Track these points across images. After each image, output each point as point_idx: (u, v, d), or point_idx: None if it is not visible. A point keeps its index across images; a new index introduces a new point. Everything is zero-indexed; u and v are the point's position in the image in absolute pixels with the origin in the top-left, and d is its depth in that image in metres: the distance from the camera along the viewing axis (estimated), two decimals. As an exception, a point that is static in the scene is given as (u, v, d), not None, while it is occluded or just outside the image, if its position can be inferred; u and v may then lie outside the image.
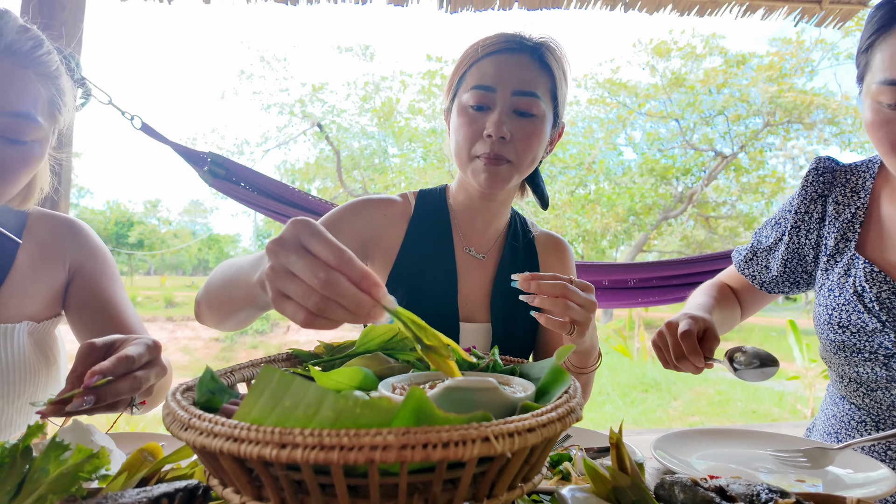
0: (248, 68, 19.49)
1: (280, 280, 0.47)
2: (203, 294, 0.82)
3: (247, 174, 1.89)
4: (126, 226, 24.86)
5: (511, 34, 0.97)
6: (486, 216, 1.07)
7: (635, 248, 13.27)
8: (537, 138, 0.96)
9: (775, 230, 1.07)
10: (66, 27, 1.89)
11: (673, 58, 11.93)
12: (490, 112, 0.94)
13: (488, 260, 1.09)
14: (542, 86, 0.96)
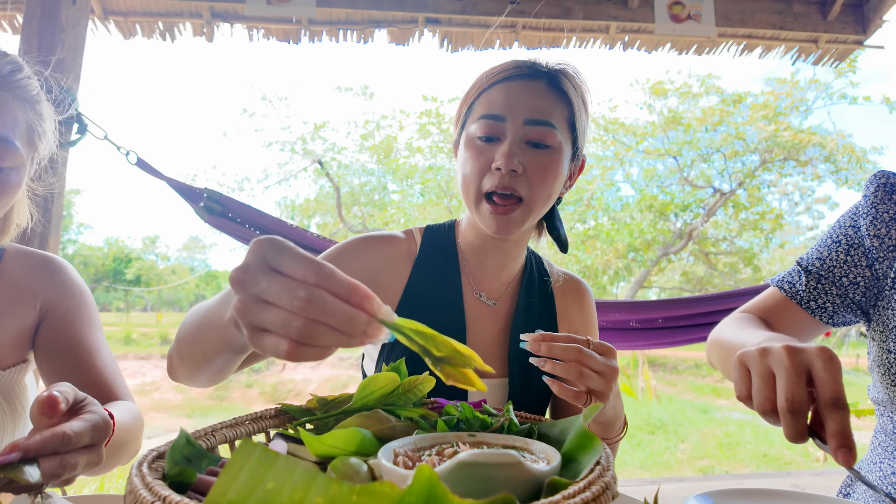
0: (250, 106, 19.86)
1: (253, 312, 0.39)
2: (174, 346, 0.70)
3: (243, 210, 1.84)
4: (124, 262, 24.78)
5: (524, 60, 0.89)
6: (499, 258, 0.96)
7: (636, 285, 13.19)
8: (553, 172, 0.86)
9: (837, 252, 0.93)
10: (64, 63, 1.87)
11: (669, 97, 12.15)
12: (499, 143, 0.85)
13: (501, 307, 0.98)
14: (558, 114, 0.86)
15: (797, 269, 0.99)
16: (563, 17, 3.08)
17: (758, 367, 0.60)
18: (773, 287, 1.02)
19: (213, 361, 0.61)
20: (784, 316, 0.98)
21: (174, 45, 3.36)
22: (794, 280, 0.98)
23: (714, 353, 0.97)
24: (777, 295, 1.00)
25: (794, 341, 0.62)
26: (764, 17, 3.22)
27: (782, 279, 1.00)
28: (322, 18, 3.16)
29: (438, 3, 2.99)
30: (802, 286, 0.96)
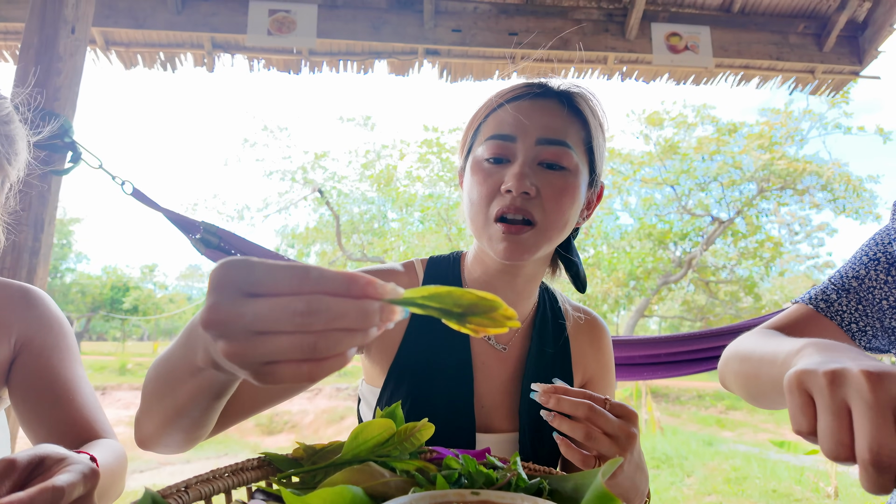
0: (251, 136, 20.09)
1: (251, 350, 0.34)
2: (141, 407, 0.60)
3: (240, 243, 1.80)
4: (121, 291, 24.66)
5: (535, 81, 0.82)
6: (509, 296, 0.86)
7: (636, 314, 13.09)
8: (570, 195, 0.77)
9: (877, 272, 0.85)
10: (60, 91, 1.85)
11: (665, 126, 12.29)
12: (509, 165, 0.77)
13: (511, 352, 0.87)
14: (573, 135, 0.79)
15: (832, 287, 0.89)
16: (561, 49, 3.10)
17: (827, 399, 0.45)
18: (801, 304, 0.90)
19: (190, 414, 0.53)
20: (818, 335, 0.85)
21: (175, 75, 3.39)
22: (830, 297, 0.87)
23: (732, 368, 0.83)
24: (809, 312, 0.88)
25: (864, 356, 0.49)
26: (760, 48, 3.24)
27: (815, 296, 0.89)
28: (322, 49, 3.18)
29: (438, 35, 3.01)
30: (843, 305, 0.86)
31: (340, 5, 3.03)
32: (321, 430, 9.90)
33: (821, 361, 0.49)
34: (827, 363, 0.48)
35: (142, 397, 0.60)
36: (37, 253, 1.81)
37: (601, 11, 3.15)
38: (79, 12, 1.92)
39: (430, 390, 0.81)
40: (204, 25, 2.98)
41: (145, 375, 0.59)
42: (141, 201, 1.89)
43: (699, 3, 3.25)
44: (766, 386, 0.71)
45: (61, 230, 23.09)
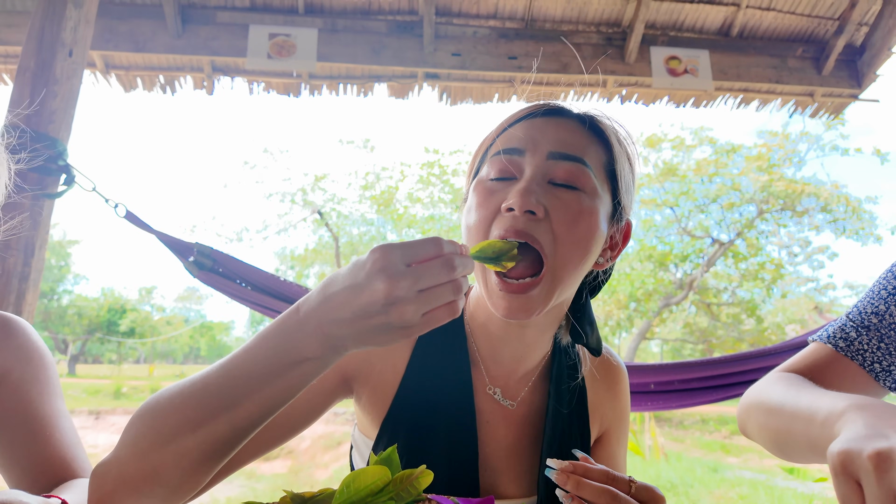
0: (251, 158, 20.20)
1: (421, 302, 0.47)
2: (129, 452, 0.53)
3: (235, 266, 1.76)
4: (118, 313, 24.50)
5: (554, 102, 0.72)
6: (518, 348, 0.75)
7: (638, 336, 12.98)
8: (587, 220, 0.64)
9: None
10: (56, 114, 1.83)
11: (664, 149, 12.37)
12: (516, 182, 0.66)
13: (520, 409, 0.77)
14: (592, 154, 0.68)
15: (851, 325, 0.83)
16: (560, 72, 3.11)
17: (874, 487, 0.42)
18: (819, 343, 0.85)
19: (242, 434, 0.53)
20: (842, 377, 0.81)
21: (174, 97, 3.39)
22: (850, 336, 0.82)
23: (757, 419, 0.78)
24: (828, 352, 0.83)
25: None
26: (759, 72, 3.25)
27: (833, 335, 0.84)
28: (322, 73, 3.19)
29: (437, 59, 3.02)
30: (864, 344, 0.81)
31: (340, 29, 3.04)
32: (318, 456, 9.72)
33: (865, 436, 0.47)
34: (872, 440, 0.45)
35: (144, 435, 0.52)
36: (26, 278, 1.76)
37: (600, 35, 3.17)
38: (77, 35, 1.91)
39: (428, 448, 0.71)
40: (204, 49, 2.98)
41: (151, 409, 0.53)
42: (134, 224, 1.85)
43: (698, 27, 3.27)
44: (800, 444, 0.66)
45: (59, 252, 23.05)
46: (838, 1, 3.19)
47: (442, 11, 3.09)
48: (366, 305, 0.46)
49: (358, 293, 0.46)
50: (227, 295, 1.75)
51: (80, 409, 14.68)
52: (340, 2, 3.07)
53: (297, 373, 0.50)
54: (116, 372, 23.93)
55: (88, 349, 27.43)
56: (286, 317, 0.51)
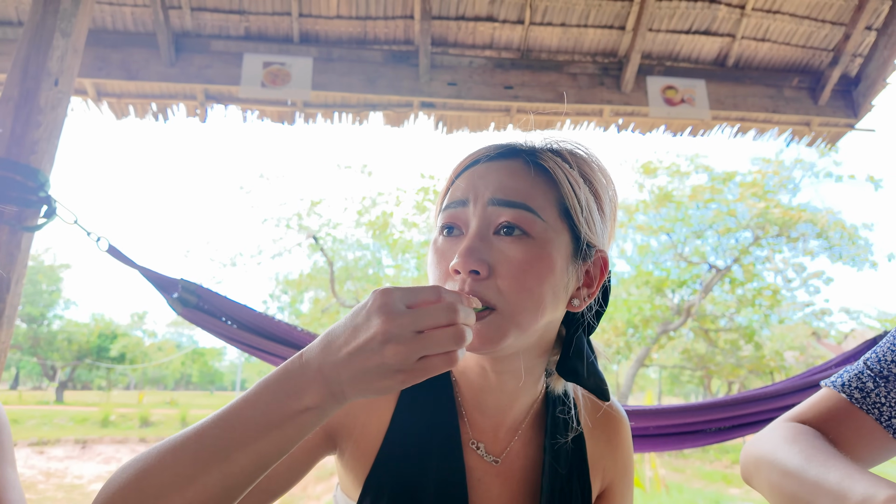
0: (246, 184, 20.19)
1: (416, 346, 0.47)
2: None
3: (221, 303, 1.67)
4: (109, 338, 24.11)
5: (502, 142, 0.70)
6: (499, 396, 0.71)
7: (636, 363, 12.84)
8: (534, 271, 0.61)
9: None
10: (38, 145, 1.77)
11: (659, 175, 12.43)
12: (463, 238, 0.65)
13: (511, 463, 0.72)
14: (538, 196, 0.64)
15: (868, 374, 0.77)
16: (557, 101, 3.09)
17: None
18: (832, 391, 0.79)
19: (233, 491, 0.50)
20: (856, 431, 0.75)
21: (167, 124, 3.34)
22: (866, 386, 0.76)
23: (769, 478, 0.71)
24: (842, 402, 0.77)
25: None
26: (756, 101, 3.25)
27: (848, 384, 0.78)
28: (317, 101, 3.16)
29: (433, 89, 3.00)
30: (882, 397, 0.74)
31: (336, 58, 3.03)
32: (310, 488, 9.45)
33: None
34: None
35: (125, 498, 0.48)
36: (0, 314, 1.68)
37: (596, 65, 3.16)
38: (64, 65, 1.87)
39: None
40: (197, 77, 2.95)
41: (136, 468, 0.49)
42: (117, 258, 1.77)
43: (694, 58, 3.28)
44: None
45: (50, 276, 22.78)
46: (833, 32, 3.21)
47: (438, 41, 3.09)
48: (363, 343, 0.47)
49: (356, 332, 0.47)
50: (212, 333, 1.67)
51: (67, 437, 14.33)
52: (336, 31, 3.06)
53: (296, 423, 0.49)
54: (105, 398, 23.45)
55: (77, 375, 26.93)
56: (289, 363, 0.51)
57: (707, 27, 3.18)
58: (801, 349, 16.52)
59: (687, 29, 3.17)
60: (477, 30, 3.08)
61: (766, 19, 3.17)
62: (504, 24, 3.07)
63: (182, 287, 1.70)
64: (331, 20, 3.02)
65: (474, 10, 3.03)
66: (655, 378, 24.84)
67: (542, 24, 3.08)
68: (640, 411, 1.69)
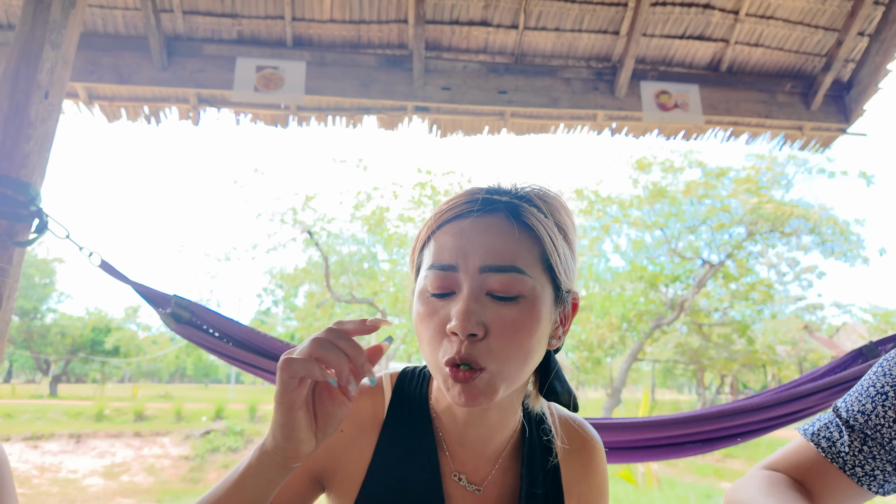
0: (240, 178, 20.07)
1: (307, 351, 0.58)
2: None
3: (214, 319, 1.68)
4: (103, 332, 24.02)
5: (478, 189, 0.72)
6: (482, 429, 0.75)
7: (630, 357, 12.93)
8: (526, 329, 0.66)
9: (885, 408, 0.77)
10: (29, 159, 1.76)
11: (653, 171, 12.46)
12: (455, 298, 0.66)
13: (488, 493, 0.75)
14: (524, 254, 0.67)
15: (836, 422, 0.81)
16: (550, 106, 3.09)
17: None
18: (805, 441, 0.83)
19: None
20: (823, 480, 0.79)
21: (159, 127, 3.32)
22: (833, 436, 0.80)
23: None
24: (811, 452, 0.81)
25: None
26: (749, 106, 3.26)
27: (818, 432, 0.82)
28: (311, 104, 3.14)
29: (427, 93, 2.99)
30: (846, 446, 0.78)
31: (329, 63, 3.01)
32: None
33: None
34: None
35: None
36: (-8, 330, 1.67)
37: (590, 70, 3.16)
38: (54, 77, 1.85)
39: None
40: (190, 82, 2.93)
41: None
42: (109, 273, 1.77)
43: (687, 63, 3.28)
44: None
45: (44, 270, 22.62)
46: (826, 38, 3.22)
47: (432, 46, 3.08)
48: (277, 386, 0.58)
49: None
50: (205, 349, 1.68)
51: (61, 431, 14.32)
52: (329, 35, 3.05)
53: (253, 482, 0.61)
54: (100, 392, 23.40)
55: (71, 368, 26.86)
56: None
57: (701, 32, 3.18)
58: (793, 343, 16.68)
59: (681, 34, 3.18)
60: (471, 34, 3.07)
61: (759, 25, 3.17)
62: (498, 28, 3.06)
63: (175, 303, 1.70)
64: (324, 24, 3.00)
65: (468, 14, 3.01)
66: (648, 370, 25.05)
67: (537, 28, 3.07)
68: (625, 424, 1.71)
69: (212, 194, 38.89)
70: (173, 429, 15.05)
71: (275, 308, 23.70)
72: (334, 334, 0.58)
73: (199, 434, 14.49)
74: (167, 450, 14.04)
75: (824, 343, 19.86)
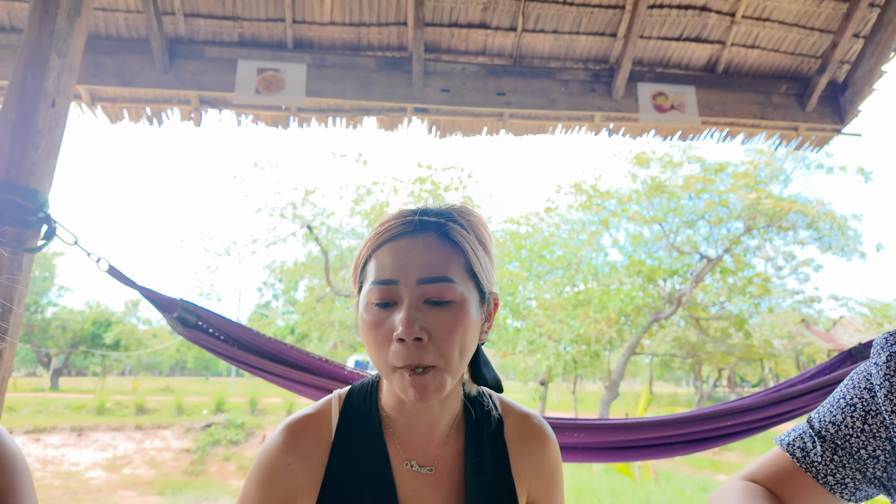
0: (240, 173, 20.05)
1: None
2: None
3: (220, 323, 1.73)
4: (103, 326, 24.10)
5: (410, 212, 0.82)
6: (427, 420, 0.85)
7: (628, 351, 13.01)
8: (461, 328, 0.77)
9: (853, 419, 0.82)
10: (37, 166, 1.80)
11: (652, 165, 12.48)
12: (397, 307, 0.77)
13: (441, 471, 0.85)
14: (454, 265, 0.79)
15: (809, 433, 0.85)
16: (548, 108, 3.12)
17: None
18: (781, 450, 0.88)
19: None
20: (798, 489, 0.84)
21: (161, 128, 3.36)
22: (806, 446, 0.84)
23: None
24: (787, 462, 0.86)
25: None
26: (745, 108, 3.29)
27: (793, 442, 0.86)
28: (311, 106, 3.18)
29: (427, 95, 3.02)
30: (818, 456, 0.82)
31: (329, 65, 3.04)
32: None
33: None
34: None
35: None
36: (3, 334, 1.72)
37: (588, 72, 3.19)
38: (60, 85, 1.88)
39: None
40: (191, 84, 2.96)
41: None
42: (117, 279, 1.82)
43: (684, 64, 3.31)
44: None
45: (44, 263, 22.66)
46: (821, 40, 3.25)
47: (431, 48, 3.11)
48: None
49: None
50: (211, 352, 1.72)
51: (63, 425, 14.42)
52: (329, 37, 3.08)
53: None
54: (100, 385, 23.50)
55: (72, 361, 26.96)
56: None
57: (697, 34, 3.21)
58: (790, 336, 16.78)
59: (678, 36, 3.20)
60: (470, 37, 3.10)
61: (755, 27, 3.20)
62: (497, 31, 3.09)
63: (181, 307, 1.75)
64: (324, 26, 3.03)
65: (467, 17, 3.04)
66: (646, 364, 25.16)
67: (535, 31, 3.10)
68: (616, 425, 1.76)
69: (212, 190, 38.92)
70: (174, 422, 15.15)
71: (275, 302, 23.76)
72: None
73: (200, 427, 14.59)
74: (168, 443, 14.14)
75: (821, 336, 19.96)
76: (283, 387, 1.73)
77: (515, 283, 12.87)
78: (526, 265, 13.22)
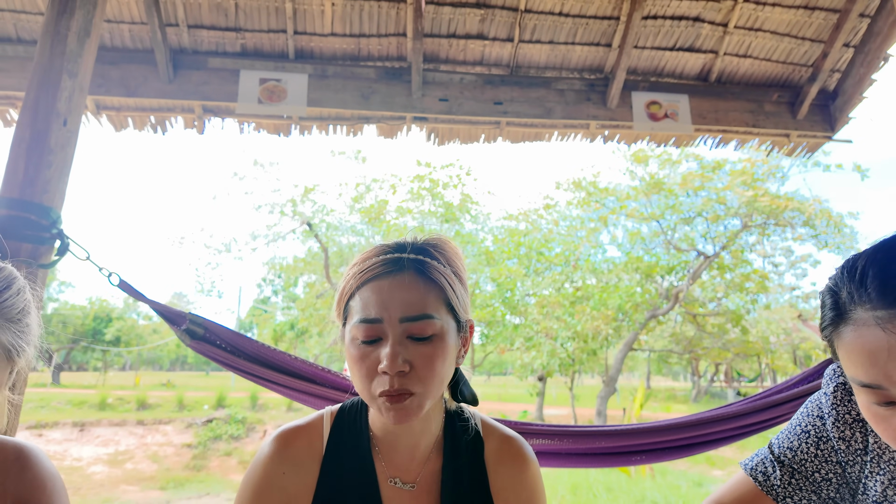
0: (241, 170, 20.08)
1: None
2: None
3: (227, 335, 1.80)
4: (104, 321, 24.21)
5: (389, 248, 0.88)
6: (409, 439, 0.91)
7: (625, 347, 13.12)
8: (441, 359, 0.84)
9: (808, 444, 0.89)
10: (50, 184, 1.87)
11: (650, 163, 12.54)
12: (382, 343, 0.83)
13: (420, 488, 0.90)
14: (432, 301, 0.85)
15: (770, 458, 0.92)
16: (545, 117, 3.19)
17: None
18: (745, 475, 0.94)
19: None
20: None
21: (165, 136, 3.42)
22: (767, 470, 0.91)
23: None
24: (750, 486, 0.92)
25: None
26: (737, 116, 3.36)
27: (755, 468, 0.93)
28: (312, 115, 3.24)
29: (425, 104, 3.09)
30: (777, 479, 0.89)
31: (330, 75, 3.10)
32: None
33: None
34: None
35: None
36: (20, 346, 1.80)
37: (583, 82, 3.26)
38: (71, 104, 1.95)
39: None
40: (195, 94, 3.03)
41: None
42: (127, 292, 1.89)
43: (678, 73, 3.38)
44: None
45: (45, 260, 22.67)
46: (812, 49, 3.31)
47: (430, 58, 3.17)
48: None
49: None
50: (218, 362, 1.80)
51: (65, 420, 14.52)
52: (330, 48, 3.14)
53: None
54: (101, 380, 23.62)
55: (73, 356, 27.06)
56: None
57: (691, 44, 3.27)
58: (787, 332, 16.91)
59: (671, 46, 3.27)
60: (468, 47, 3.16)
61: (748, 36, 3.26)
62: (494, 41, 3.15)
63: (190, 320, 1.82)
64: (325, 37, 3.09)
65: (465, 28, 3.10)
66: (644, 359, 25.30)
67: (531, 41, 3.16)
68: (607, 432, 1.84)
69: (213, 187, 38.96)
70: (176, 417, 15.26)
71: (274, 297, 23.84)
72: None
73: (202, 422, 14.70)
74: (170, 438, 14.25)
75: (818, 332, 20.03)
76: (287, 396, 1.81)
77: (514, 280, 12.96)
78: (524, 262, 13.30)
